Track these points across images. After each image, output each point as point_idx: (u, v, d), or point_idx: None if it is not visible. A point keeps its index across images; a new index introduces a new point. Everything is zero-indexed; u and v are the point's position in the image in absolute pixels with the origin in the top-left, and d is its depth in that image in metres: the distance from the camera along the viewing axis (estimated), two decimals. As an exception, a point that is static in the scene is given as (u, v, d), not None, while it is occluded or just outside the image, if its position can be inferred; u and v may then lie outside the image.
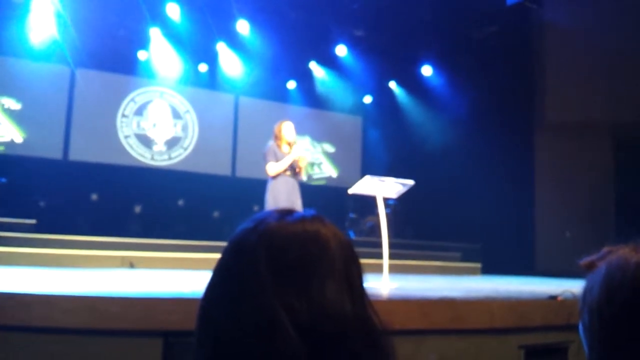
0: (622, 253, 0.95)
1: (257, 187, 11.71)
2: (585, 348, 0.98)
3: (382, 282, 5.16)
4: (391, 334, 0.83)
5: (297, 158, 5.83)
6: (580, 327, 0.99)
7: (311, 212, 0.87)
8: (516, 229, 10.73)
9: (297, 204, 5.82)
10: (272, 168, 5.82)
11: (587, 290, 0.98)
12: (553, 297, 3.91)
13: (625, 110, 10.17)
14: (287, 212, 0.86)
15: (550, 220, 10.92)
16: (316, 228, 0.83)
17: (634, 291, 0.89)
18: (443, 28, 10.71)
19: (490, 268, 10.05)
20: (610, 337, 0.91)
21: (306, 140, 12.93)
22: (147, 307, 3.02)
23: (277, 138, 5.97)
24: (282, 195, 5.81)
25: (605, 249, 0.98)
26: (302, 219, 0.84)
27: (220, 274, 0.83)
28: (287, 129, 6.01)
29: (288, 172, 5.88)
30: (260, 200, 10.61)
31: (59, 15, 9.66)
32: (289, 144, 5.95)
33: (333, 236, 0.83)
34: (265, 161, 5.89)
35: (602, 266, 0.96)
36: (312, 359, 0.74)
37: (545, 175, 11.16)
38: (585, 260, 1.00)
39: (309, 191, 12.24)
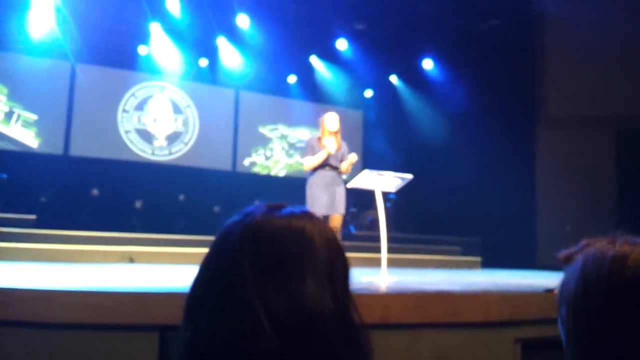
0: (599, 246, 0.94)
1: (258, 181, 11.82)
2: (563, 341, 0.98)
3: (380, 276, 5.16)
4: (370, 332, 0.84)
5: (331, 152, 5.61)
6: (559, 320, 0.99)
7: (301, 208, 0.87)
8: (517, 222, 10.71)
9: (337, 199, 5.65)
10: (307, 162, 5.72)
11: (564, 284, 0.98)
12: (549, 290, 3.90)
13: (627, 103, 10.13)
14: (275, 207, 0.86)
15: (551, 214, 10.91)
16: (302, 224, 0.83)
17: (609, 284, 0.89)
18: (444, 21, 10.68)
19: (491, 262, 10.04)
20: (586, 330, 0.91)
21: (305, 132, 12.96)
22: (143, 302, 3.02)
23: (322, 130, 5.78)
24: (318, 189, 5.64)
25: (583, 242, 0.98)
26: (290, 214, 0.85)
27: (206, 267, 0.84)
28: (328, 120, 5.80)
29: (327, 166, 5.69)
30: (261, 196, 10.66)
31: (58, 10, 9.66)
32: (331, 134, 5.72)
33: (319, 233, 0.83)
34: (302, 155, 5.83)
35: (579, 259, 0.96)
36: (289, 354, 0.75)
37: (546, 169, 11.14)
38: (563, 253, 1.00)
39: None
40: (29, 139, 10.13)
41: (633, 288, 0.88)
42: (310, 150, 5.71)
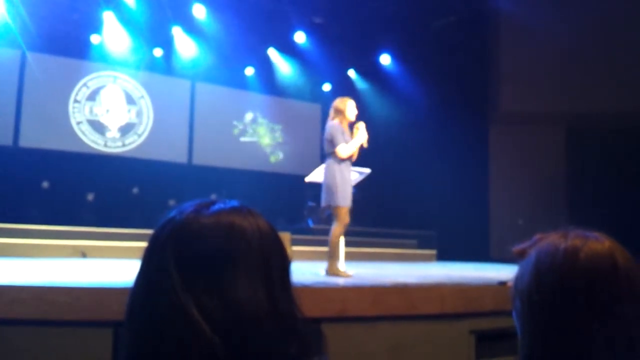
0: (552, 240, 0.97)
1: (214, 175, 11.69)
2: (518, 332, 1.00)
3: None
4: (314, 326, 0.82)
5: (365, 145, 5.24)
6: (513, 312, 1.02)
7: (232, 203, 0.85)
8: (471, 216, 10.92)
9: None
10: (345, 150, 5.08)
11: (518, 277, 1.00)
12: (502, 283, 4.00)
13: (579, 101, 10.44)
14: (205, 204, 0.84)
15: (504, 208, 11.17)
16: (230, 220, 0.80)
17: (561, 277, 0.92)
18: (402, 17, 10.75)
19: (446, 255, 10.23)
20: (540, 323, 0.93)
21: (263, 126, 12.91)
22: (96, 298, 2.96)
23: (341, 116, 5.26)
24: (348, 183, 5.20)
25: (536, 236, 1.01)
26: (219, 210, 0.82)
27: (141, 267, 0.82)
28: (352, 107, 5.36)
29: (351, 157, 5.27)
30: (216, 188, 10.56)
31: (8, -3, 9.32)
32: (352, 124, 5.28)
33: (250, 228, 0.80)
34: (334, 142, 5.07)
35: (532, 253, 0.98)
36: (231, 353, 0.73)
37: (499, 164, 11.39)
38: (517, 248, 1.02)
39: (268, 178, 12.25)
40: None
41: (584, 280, 0.91)
42: (343, 137, 5.11)
